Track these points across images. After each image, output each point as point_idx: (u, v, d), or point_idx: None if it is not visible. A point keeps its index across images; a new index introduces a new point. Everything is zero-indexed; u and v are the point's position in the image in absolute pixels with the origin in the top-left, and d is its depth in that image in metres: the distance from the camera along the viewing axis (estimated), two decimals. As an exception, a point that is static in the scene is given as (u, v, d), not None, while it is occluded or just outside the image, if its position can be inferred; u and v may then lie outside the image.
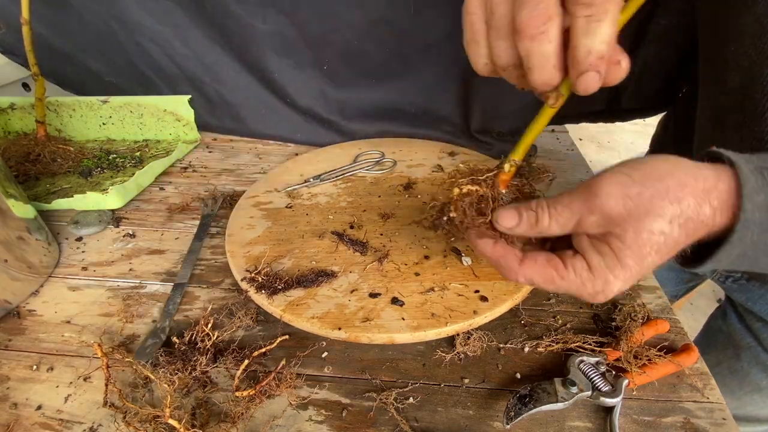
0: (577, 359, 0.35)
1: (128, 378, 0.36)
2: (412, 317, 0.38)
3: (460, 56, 0.42)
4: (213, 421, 0.33)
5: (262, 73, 0.68)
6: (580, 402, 0.33)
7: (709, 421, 0.32)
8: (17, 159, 0.63)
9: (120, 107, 0.71)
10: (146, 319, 0.41)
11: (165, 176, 0.65)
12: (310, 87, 0.68)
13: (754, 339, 0.53)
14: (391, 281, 0.42)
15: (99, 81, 0.73)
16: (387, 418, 0.33)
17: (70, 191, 0.59)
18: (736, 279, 0.54)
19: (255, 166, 0.67)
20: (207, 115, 0.73)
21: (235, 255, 0.45)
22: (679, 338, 0.39)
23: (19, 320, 0.42)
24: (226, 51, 0.67)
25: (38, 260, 0.45)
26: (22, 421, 0.33)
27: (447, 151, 0.65)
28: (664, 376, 0.35)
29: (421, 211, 0.52)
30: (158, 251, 0.50)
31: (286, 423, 0.33)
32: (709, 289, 1.57)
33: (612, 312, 0.40)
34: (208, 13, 0.63)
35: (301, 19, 0.62)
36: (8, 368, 0.37)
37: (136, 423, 0.31)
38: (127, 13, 0.64)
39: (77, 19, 0.66)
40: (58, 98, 0.70)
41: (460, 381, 0.35)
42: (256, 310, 0.41)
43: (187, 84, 0.71)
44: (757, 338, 0.52)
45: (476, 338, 0.37)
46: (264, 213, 0.52)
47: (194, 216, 0.56)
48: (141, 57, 0.69)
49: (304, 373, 0.36)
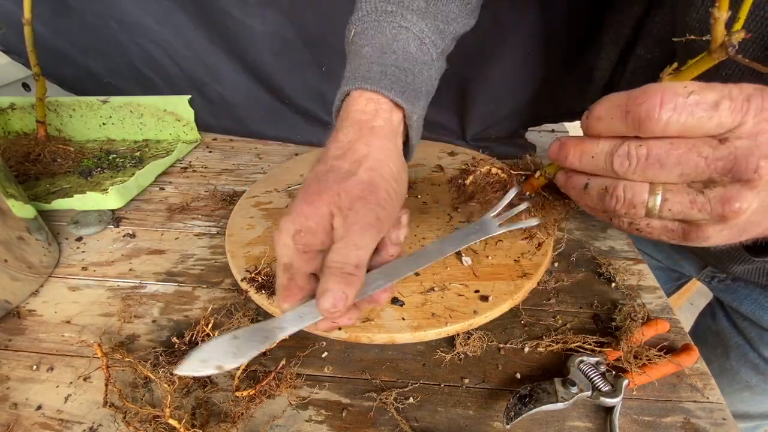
0: (577, 359, 0.35)
1: (128, 378, 0.36)
2: (412, 317, 0.38)
3: (455, 61, 0.42)
4: (213, 421, 0.33)
5: (261, 74, 0.68)
6: (580, 402, 0.33)
7: (709, 421, 0.32)
8: (17, 159, 0.63)
9: (120, 107, 0.71)
10: (146, 319, 0.41)
11: (165, 176, 0.65)
12: (309, 87, 0.68)
13: (742, 338, 0.53)
14: (391, 281, 0.42)
15: (99, 81, 0.74)
16: (387, 418, 0.33)
17: (70, 191, 0.59)
18: (721, 280, 0.54)
19: (255, 166, 0.67)
20: (207, 115, 0.73)
21: (235, 255, 0.45)
22: (679, 338, 0.39)
23: (19, 320, 0.41)
24: (225, 51, 0.67)
25: (38, 260, 0.45)
26: (22, 421, 0.33)
27: (447, 151, 0.65)
28: (664, 376, 0.35)
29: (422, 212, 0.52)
30: (158, 251, 0.50)
31: (286, 423, 0.33)
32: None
33: (612, 312, 0.40)
34: (208, 13, 0.63)
35: (300, 20, 0.62)
36: (8, 368, 0.37)
37: (136, 423, 0.31)
38: (127, 13, 0.65)
39: (78, 20, 0.66)
40: (58, 98, 0.70)
41: (460, 381, 0.35)
42: (256, 310, 0.41)
43: (187, 84, 0.71)
44: (745, 337, 0.53)
45: (476, 338, 0.37)
46: (264, 213, 0.52)
47: (194, 216, 0.56)
48: (141, 57, 0.69)
49: (304, 373, 0.36)
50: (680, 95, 0.21)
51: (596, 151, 0.25)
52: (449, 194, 0.39)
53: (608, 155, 0.24)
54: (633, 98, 0.22)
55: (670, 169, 0.22)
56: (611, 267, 0.45)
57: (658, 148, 0.22)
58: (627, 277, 0.45)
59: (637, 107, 0.22)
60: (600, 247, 0.49)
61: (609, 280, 0.44)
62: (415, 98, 0.34)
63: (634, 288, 0.43)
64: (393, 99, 0.32)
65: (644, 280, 0.45)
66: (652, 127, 0.21)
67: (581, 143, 0.25)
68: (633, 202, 0.24)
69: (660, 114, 0.21)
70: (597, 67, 0.61)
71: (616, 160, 0.23)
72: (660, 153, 0.22)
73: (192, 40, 0.66)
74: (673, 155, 0.22)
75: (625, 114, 0.22)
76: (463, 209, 0.52)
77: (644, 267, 0.46)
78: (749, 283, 0.50)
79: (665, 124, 0.21)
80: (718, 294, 0.56)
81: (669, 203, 0.23)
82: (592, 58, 0.61)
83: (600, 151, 0.24)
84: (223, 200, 0.58)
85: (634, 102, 0.22)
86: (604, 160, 0.24)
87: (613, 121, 0.23)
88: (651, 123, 0.21)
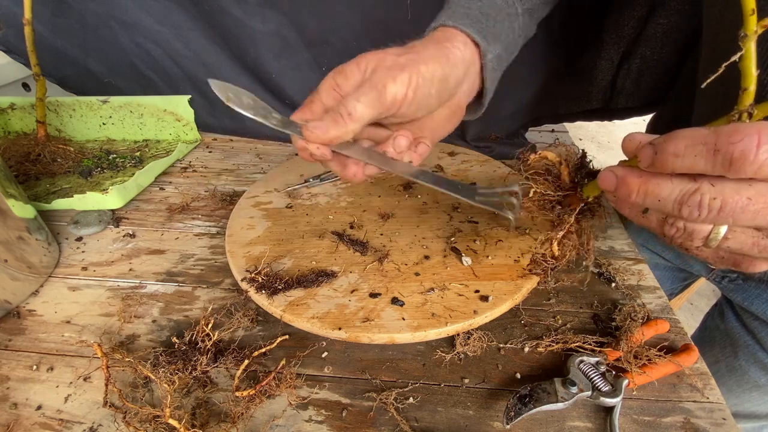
0: (577, 359, 0.35)
1: (128, 378, 0.36)
2: (412, 317, 0.38)
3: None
4: (213, 421, 0.33)
5: (261, 74, 0.68)
6: (580, 402, 0.33)
7: (709, 421, 0.32)
8: (17, 159, 0.63)
9: (120, 107, 0.71)
10: (146, 319, 0.41)
11: (165, 176, 0.65)
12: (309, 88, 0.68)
13: (751, 337, 0.53)
14: (392, 281, 0.42)
15: (99, 81, 0.74)
16: (387, 418, 0.33)
17: (70, 191, 0.59)
18: (732, 279, 0.54)
19: (255, 166, 0.67)
20: (207, 115, 0.73)
21: (235, 255, 0.45)
22: (679, 338, 0.39)
23: (19, 320, 0.42)
24: (225, 51, 0.67)
25: (38, 260, 0.45)
26: (22, 421, 0.33)
27: (447, 151, 0.65)
28: (664, 376, 0.35)
29: (422, 212, 0.52)
30: (158, 251, 0.50)
31: (286, 423, 0.33)
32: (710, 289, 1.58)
33: (612, 312, 0.40)
34: (208, 13, 0.63)
35: (300, 20, 0.62)
36: (8, 368, 0.37)
37: (136, 423, 0.31)
38: (127, 13, 0.65)
39: (77, 20, 0.66)
40: (58, 98, 0.70)
41: (460, 381, 0.35)
42: (256, 310, 0.41)
43: (187, 84, 0.71)
44: (754, 337, 0.53)
45: (476, 338, 0.37)
46: (264, 213, 0.52)
47: (194, 216, 0.56)
48: (141, 57, 0.69)
49: (304, 373, 0.36)
50: None
51: (664, 195, 0.23)
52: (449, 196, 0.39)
53: (677, 202, 0.22)
54: (725, 136, 0.20)
55: (743, 221, 0.21)
56: (611, 267, 0.46)
57: (735, 203, 0.21)
58: (627, 277, 0.45)
59: (729, 146, 0.20)
60: (600, 247, 0.49)
61: (609, 280, 0.44)
62: (492, 39, 0.36)
63: (634, 288, 0.43)
64: (469, 33, 0.35)
65: (644, 280, 0.45)
66: (745, 168, 0.20)
67: (647, 183, 0.24)
68: (692, 236, 0.23)
69: (757, 155, 0.19)
70: (598, 68, 0.61)
71: (686, 209, 0.22)
72: (735, 208, 0.21)
73: (192, 40, 0.66)
74: (749, 210, 0.20)
75: (714, 153, 0.20)
76: (463, 210, 0.52)
77: (644, 267, 0.46)
78: (761, 283, 0.50)
79: (760, 167, 0.20)
80: (728, 294, 0.55)
81: (730, 241, 0.22)
82: (592, 59, 0.61)
83: (668, 195, 0.23)
84: (223, 200, 0.58)
85: (726, 140, 0.20)
86: (672, 206, 0.23)
87: (696, 159, 0.21)
88: (745, 164, 0.20)
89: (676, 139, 0.22)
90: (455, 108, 0.39)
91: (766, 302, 0.50)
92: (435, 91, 0.34)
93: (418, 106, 0.34)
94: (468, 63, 0.36)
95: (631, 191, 0.24)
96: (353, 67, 0.33)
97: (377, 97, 0.31)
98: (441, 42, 0.35)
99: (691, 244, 0.24)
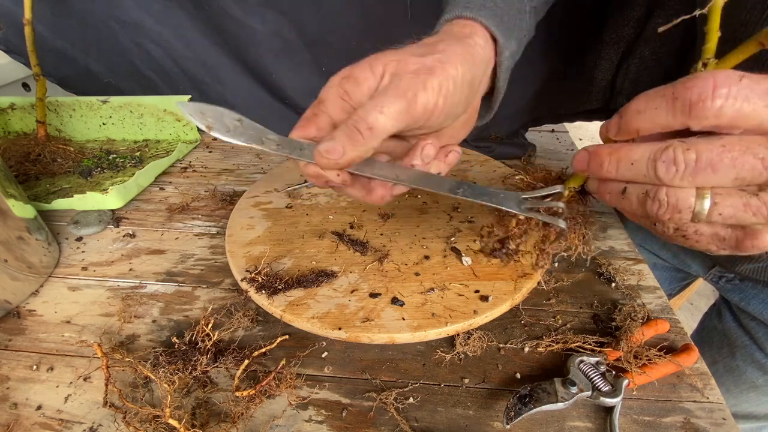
0: (577, 359, 0.35)
1: (128, 378, 0.36)
2: (412, 317, 0.38)
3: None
4: (213, 421, 0.33)
5: (261, 74, 0.68)
6: (580, 402, 0.33)
7: (709, 421, 0.32)
8: (17, 159, 0.63)
9: (120, 107, 0.71)
10: (146, 319, 0.41)
11: (165, 176, 0.65)
12: (309, 88, 0.68)
13: (749, 338, 0.53)
14: (391, 281, 0.42)
15: (99, 81, 0.74)
16: (387, 418, 0.33)
17: (70, 191, 0.59)
18: (729, 279, 0.54)
19: (255, 166, 0.67)
20: (207, 115, 0.73)
21: (235, 255, 0.45)
22: (679, 338, 0.39)
23: (19, 320, 0.41)
24: (225, 51, 0.67)
25: (38, 260, 0.45)
26: (22, 421, 0.33)
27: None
28: (664, 376, 0.35)
29: (422, 212, 0.52)
30: (158, 251, 0.50)
31: (286, 423, 0.33)
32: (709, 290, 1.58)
33: (612, 312, 0.40)
34: (208, 13, 0.63)
35: (300, 20, 0.62)
36: (8, 368, 0.37)
37: (136, 423, 0.31)
38: (127, 13, 0.65)
39: (77, 20, 0.66)
40: (58, 98, 0.70)
41: (460, 381, 0.35)
42: (256, 310, 0.41)
43: (187, 84, 0.71)
44: (751, 337, 0.53)
45: (476, 338, 0.37)
46: (264, 213, 0.52)
47: (194, 216, 0.56)
48: (141, 57, 0.69)
49: (304, 373, 0.36)
50: (733, 79, 0.19)
51: (636, 157, 0.22)
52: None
53: (650, 161, 0.21)
54: (681, 84, 0.20)
55: (723, 173, 0.20)
56: (611, 267, 0.46)
57: (709, 152, 0.20)
58: (627, 277, 0.45)
59: (686, 92, 0.20)
60: (600, 246, 0.49)
61: (609, 280, 0.44)
62: (509, 35, 0.33)
63: (634, 288, 0.43)
64: (488, 27, 0.32)
65: (644, 280, 0.45)
66: (705, 113, 0.19)
67: (617, 150, 0.23)
68: (678, 207, 0.22)
69: (714, 97, 0.19)
70: (597, 68, 0.61)
71: (661, 166, 0.21)
72: (711, 156, 0.20)
73: (192, 40, 0.66)
74: (726, 158, 0.20)
75: (673, 101, 0.20)
76: (463, 210, 0.52)
77: (644, 267, 0.46)
78: (757, 283, 0.50)
79: (718, 110, 0.19)
80: (726, 294, 0.55)
81: (719, 207, 0.21)
82: (592, 58, 0.61)
83: (641, 156, 0.22)
84: (223, 200, 0.58)
85: (682, 87, 0.20)
86: (646, 166, 0.22)
87: (657, 111, 0.21)
88: (703, 108, 0.19)
89: (638, 98, 0.22)
90: (472, 112, 0.35)
91: (763, 302, 0.50)
92: (464, 96, 0.30)
93: (447, 114, 0.30)
94: (487, 62, 0.32)
95: (602, 160, 0.24)
96: (366, 72, 0.28)
97: (406, 108, 0.27)
98: (463, 39, 0.31)
99: (681, 219, 0.22)
